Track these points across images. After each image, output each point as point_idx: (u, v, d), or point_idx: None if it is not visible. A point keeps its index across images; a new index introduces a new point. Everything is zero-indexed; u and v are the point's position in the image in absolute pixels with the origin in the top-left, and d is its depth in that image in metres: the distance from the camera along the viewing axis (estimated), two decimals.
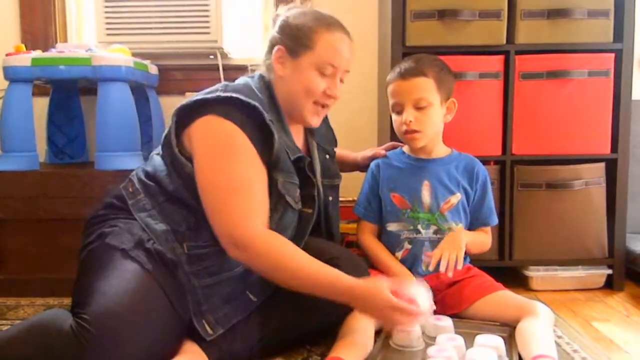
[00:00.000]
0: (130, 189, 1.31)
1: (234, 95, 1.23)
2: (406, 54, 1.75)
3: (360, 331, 1.27)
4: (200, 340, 1.21)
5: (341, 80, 1.39)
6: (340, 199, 2.12)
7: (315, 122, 1.39)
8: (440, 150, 1.64)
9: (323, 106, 1.38)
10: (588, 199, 1.87)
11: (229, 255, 1.19)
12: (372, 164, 1.68)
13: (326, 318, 1.33)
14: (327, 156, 1.51)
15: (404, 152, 1.66)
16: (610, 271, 1.90)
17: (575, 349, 1.37)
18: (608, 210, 1.90)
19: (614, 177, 1.88)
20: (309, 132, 1.49)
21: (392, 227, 1.61)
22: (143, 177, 1.32)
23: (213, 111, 1.21)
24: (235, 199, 1.18)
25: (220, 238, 1.19)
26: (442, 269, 1.43)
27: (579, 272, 1.90)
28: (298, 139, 1.43)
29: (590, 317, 1.65)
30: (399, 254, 1.59)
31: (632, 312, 1.69)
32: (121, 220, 1.25)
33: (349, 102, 2.32)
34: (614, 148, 1.87)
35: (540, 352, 1.19)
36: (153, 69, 2.16)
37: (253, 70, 1.44)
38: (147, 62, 2.09)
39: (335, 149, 1.58)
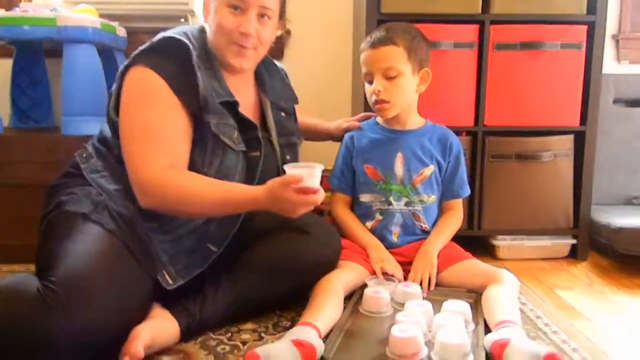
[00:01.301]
0: (84, 155, 1.32)
1: (166, 34, 1.25)
2: (381, 21, 1.74)
3: (331, 297, 1.29)
4: (170, 307, 1.21)
5: (262, 18, 1.31)
6: None
7: (239, 63, 1.33)
8: (415, 121, 1.64)
9: (244, 47, 1.31)
10: (556, 171, 1.90)
11: (141, 205, 1.20)
12: (346, 136, 1.67)
13: (296, 283, 1.34)
14: (283, 114, 1.49)
15: (377, 123, 1.66)
16: (574, 241, 1.95)
17: (539, 315, 1.40)
18: (575, 182, 1.93)
19: (582, 149, 1.91)
20: (261, 89, 1.47)
21: (364, 198, 1.61)
22: (96, 142, 1.34)
23: (140, 62, 1.23)
24: (140, 144, 1.20)
25: (132, 187, 1.20)
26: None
27: (544, 242, 1.94)
28: (248, 96, 1.41)
29: (554, 285, 1.70)
30: (370, 224, 1.60)
31: (594, 281, 1.74)
32: (77, 187, 1.25)
33: (322, 71, 2.31)
34: (583, 121, 1.90)
35: (504, 317, 1.22)
36: (121, 31, 2.09)
37: None
38: (115, 23, 2.02)
39: (295, 106, 1.55)
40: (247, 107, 1.37)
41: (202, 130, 1.25)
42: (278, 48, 2.29)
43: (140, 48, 1.26)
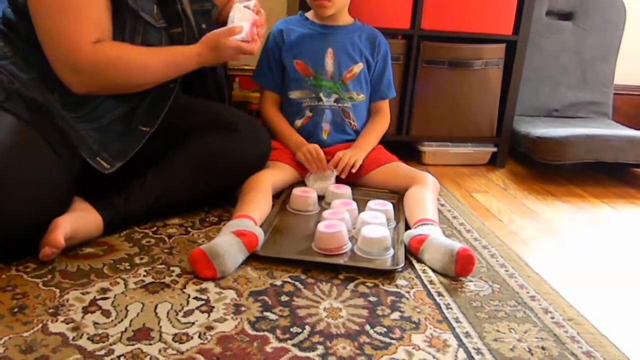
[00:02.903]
0: None
1: None
2: None
3: (260, 192, 1.30)
4: (93, 201, 1.18)
5: None
6: (246, 67, 2.08)
7: None
8: (345, 19, 1.61)
9: None
10: (485, 80, 1.95)
11: (74, 90, 1.15)
12: (274, 30, 1.61)
13: (224, 181, 1.34)
14: None
15: (307, 18, 1.61)
16: (495, 149, 2.05)
17: (455, 215, 1.49)
18: (502, 92, 1.99)
19: (512, 59, 1.95)
20: None
21: (294, 95, 1.59)
22: (0, 25, 1.21)
23: None
24: (64, 19, 1.11)
25: (55, 67, 1.14)
26: (338, 171, 1.50)
27: (467, 149, 2.03)
28: None
29: (472, 189, 1.79)
30: (300, 122, 1.60)
31: (509, 186, 1.85)
32: None
33: None
34: (516, 30, 1.92)
35: (423, 216, 1.28)
36: None
37: None
38: None
39: None
40: None
41: (119, 7, 1.16)
42: None
43: None
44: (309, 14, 1.61)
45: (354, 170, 1.51)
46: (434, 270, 1.15)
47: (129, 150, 1.23)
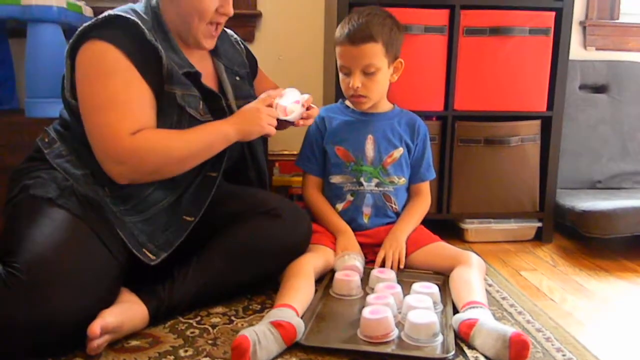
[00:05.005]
0: (46, 140, 1.28)
1: (112, 13, 1.22)
2: (352, 4, 1.73)
3: (303, 279, 1.30)
4: (138, 291, 1.20)
5: None
6: (286, 152, 2.14)
7: (209, 44, 1.36)
8: (384, 106, 1.66)
9: (216, 25, 1.34)
10: (523, 155, 1.94)
11: (117, 180, 1.21)
12: (317, 118, 1.67)
13: (266, 268, 1.34)
14: (237, 78, 1.49)
15: (347, 107, 1.66)
16: (540, 224, 2.00)
17: (504, 296, 1.44)
18: (541, 166, 1.97)
19: (549, 134, 1.95)
20: (214, 55, 1.46)
21: (335, 179, 1.62)
22: (57, 126, 1.31)
23: (91, 36, 1.20)
24: (107, 114, 1.18)
25: (100, 160, 1.20)
26: (387, 267, 1.49)
27: (511, 225, 1.99)
28: (204, 64, 1.41)
29: (520, 267, 1.74)
30: (341, 205, 1.61)
31: (558, 263, 1.79)
32: (43, 171, 1.22)
33: (294, 56, 2.29)
34: (550, 106, 1.93)
35: (471, 299, 1.24)
36: (88, 11, 2.03)
37: None
38: (81, 3, 1.96)
39: (247, 71, 1.54)
40: (206, 75, 1.36)
41: (165, 103, 1.24)
42: (249, 31, 2.26)
43: (87, 24, 1.21)
44: (349, 102, 1.66)
45: (401, 266, 1.51)
46: (486, 357, 1.09)
47: (174, 241, 1.26)
